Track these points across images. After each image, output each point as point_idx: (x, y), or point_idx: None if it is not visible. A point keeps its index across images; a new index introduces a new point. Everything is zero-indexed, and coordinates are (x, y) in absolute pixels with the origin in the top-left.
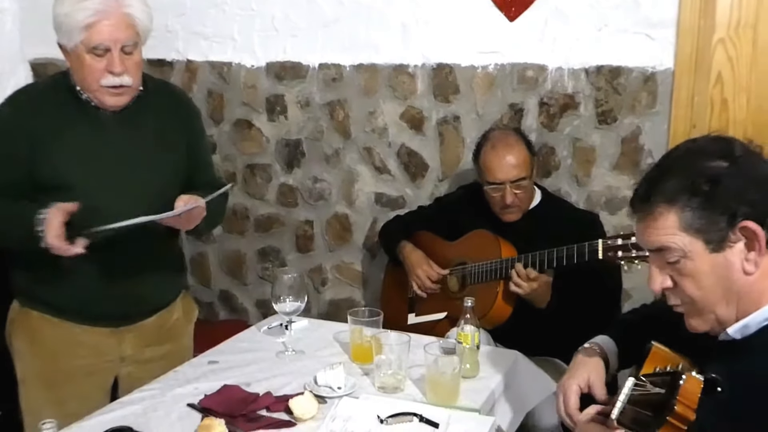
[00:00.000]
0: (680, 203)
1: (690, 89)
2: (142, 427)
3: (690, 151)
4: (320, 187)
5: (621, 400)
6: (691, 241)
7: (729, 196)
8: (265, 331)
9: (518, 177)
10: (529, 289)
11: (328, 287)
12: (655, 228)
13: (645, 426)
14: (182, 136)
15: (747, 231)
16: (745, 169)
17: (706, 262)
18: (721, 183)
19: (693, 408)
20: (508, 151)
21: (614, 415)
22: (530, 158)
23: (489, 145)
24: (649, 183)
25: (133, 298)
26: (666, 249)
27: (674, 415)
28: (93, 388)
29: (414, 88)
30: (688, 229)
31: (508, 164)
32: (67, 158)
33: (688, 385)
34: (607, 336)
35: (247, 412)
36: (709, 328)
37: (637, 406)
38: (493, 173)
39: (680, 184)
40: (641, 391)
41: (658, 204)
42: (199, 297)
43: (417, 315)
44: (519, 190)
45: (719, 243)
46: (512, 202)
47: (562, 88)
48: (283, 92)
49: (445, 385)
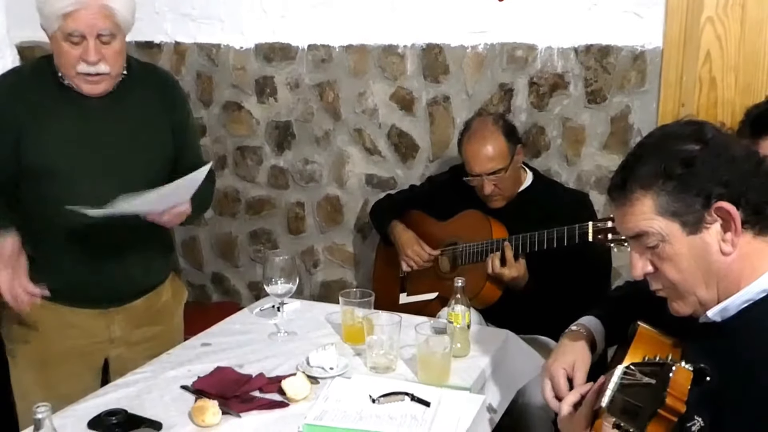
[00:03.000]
0: (655, 188)
1: (679, 68)
2: (136, 410)
3: (662, 136)
4: (311, 169)
5: (610, 388)
6: (668, 225)
7: (703, 177)
8: (257, 313)
9: (494, 169)
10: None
11: (319, 269)
12: (633, 214)
13: (635, 416)
14: (168, 119)
15: (722, 212)
16: (717, 150)
17: (684, 244)
18: (694, 165)
19: (683, 400)
20: (483, 143)
21: (604, 403)
22: (508, 148)
23: (467, 136)
24: (624, 170)
25: (121, 281)
26: (644, 234)
27: (665, 407)
28: (83, 370)
29: (404, 68)
30: (664, 212)
31: (483, 157)
32: (51, 143)
33: (677, 376)
34: (594, 316)
35: (240, 394)
36: (692, 311)
37: (627, 396)
38: (469, 165)
39: (654, 168)
40: (630, 380)
41: (634, 190)
42: (191, 279)
43: (408, 295)
44: (496, 181)
45: (695, 225)
46: (491, 192)
47: (552, 68)
48: (272, 74)
49: (436, 364)
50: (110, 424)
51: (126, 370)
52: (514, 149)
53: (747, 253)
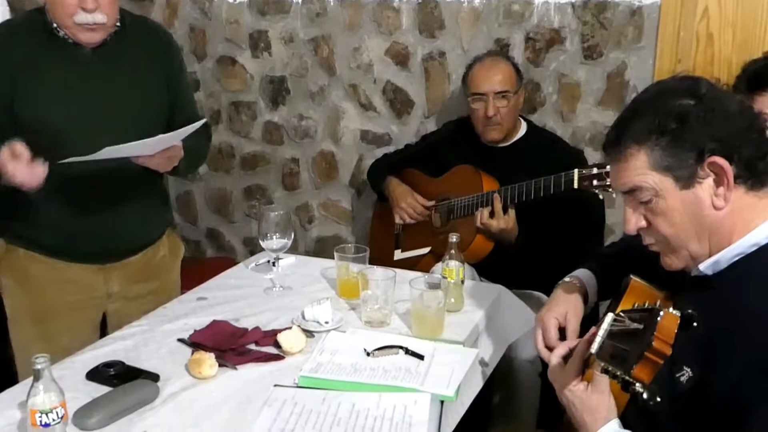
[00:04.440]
0: (649, 143)
1: (676, 23)
2: (133, 362)
3: (657, 92)
4: (306, 125)
5: (600, 335)
6: (662, 179)
7: (696, 133)
8: (252, 268)
9: (502, 89)
10: (496, 229)
11: (314, 225)
12: (627, 169)
13: (623, 361)
14: (161, 72)
15: (715, 166)
16: (711, 105)
17: (677, 199)
18: (688, 120)
19: (669, 343)
20: (494, 65)
21: (593, 349)
22: (516, 78)
23: (477, 61)
24: (619, 126)
25: (118, 236)
26: (638, 189)
27: (651, 350)
28: (82, 324)
29: (399, 23)
30: (657, 167)
31: (493, 76)
32: (43, 94)
33: (665, 321)
34: (587, 269)
35: (237, 347)
36: (684, 265)
37: (616, 341)
38: (476, 84)
39: (648, 124)
40: (620, 326)
41: (629, 145)
42: (186, 235)
43: (403, 251)
44: (502, 102)
45: (688, 180)
46: (494, 114)
47: (549, 23)
48: (266, 28)
49: (430, 318)
50: (108, 376)
51: (124, 324)
52: (520, 83)
53: (739, 208)
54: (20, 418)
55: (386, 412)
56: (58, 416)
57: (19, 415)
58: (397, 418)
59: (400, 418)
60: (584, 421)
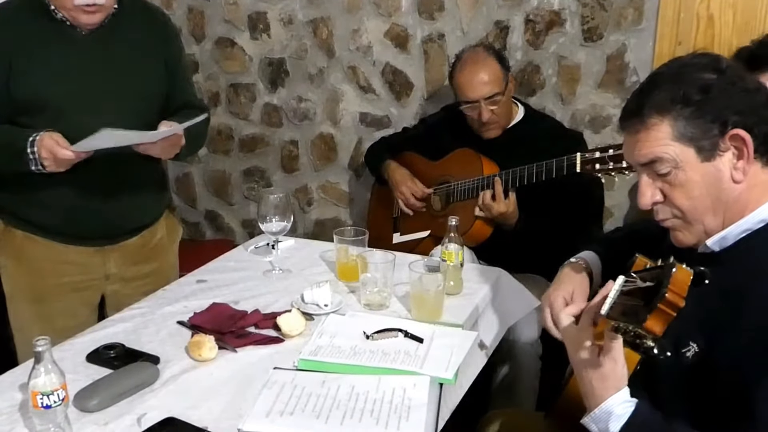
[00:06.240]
0: (673, 113)
1: (676, 5)
2: (133, 344)
3: (679, 65)
4: (305, 107)
5: (611, 296)
6: (683, 150)
7: (720, 104)
8: (252, 250)
9: (491, 93)
10: (496, 212)
11: (314, 207)
12: (647, 140)
13: (635, 314)
14: (159, 54)
15: (737, 139)
16: (733, 79)
17: (698, 171)
18: (711, 92)
19: (683, 296)
20: (478, 69)
21: (604, 310)
22: (503, 73)
23: (459, 65)
24: (640, 96)
25: (116, 218)
26: (658, 160)
27: (665, 301)
28: (80, 305)
29: (398, 4)
30: (681, 138)
31: (479, 82)
32: (41, 76)
33: (679, 274)
34: (592, 252)
35: (236, 329)
36: (696, 241)
37: (627, 300)
38: (465, 92)
39: (672, 94)
40: (631, 286)
41: (651, 115)
42: (185, 217)
43: (402, 234)
44: (494, 106)
45: (710, 151)
46: (489, 119)
47: (549, 5)
48: (265, 9)
49: (430, 301)
50: (108, 358)
51: (122, 306)
52: (507, 75)
53: (754, 184)
54: (21, 400)
55: (385, 395)
56: (59, 398)
57: (21, 396)
58: (397, 400)
59: (400, 401)
60: (593, 387)
